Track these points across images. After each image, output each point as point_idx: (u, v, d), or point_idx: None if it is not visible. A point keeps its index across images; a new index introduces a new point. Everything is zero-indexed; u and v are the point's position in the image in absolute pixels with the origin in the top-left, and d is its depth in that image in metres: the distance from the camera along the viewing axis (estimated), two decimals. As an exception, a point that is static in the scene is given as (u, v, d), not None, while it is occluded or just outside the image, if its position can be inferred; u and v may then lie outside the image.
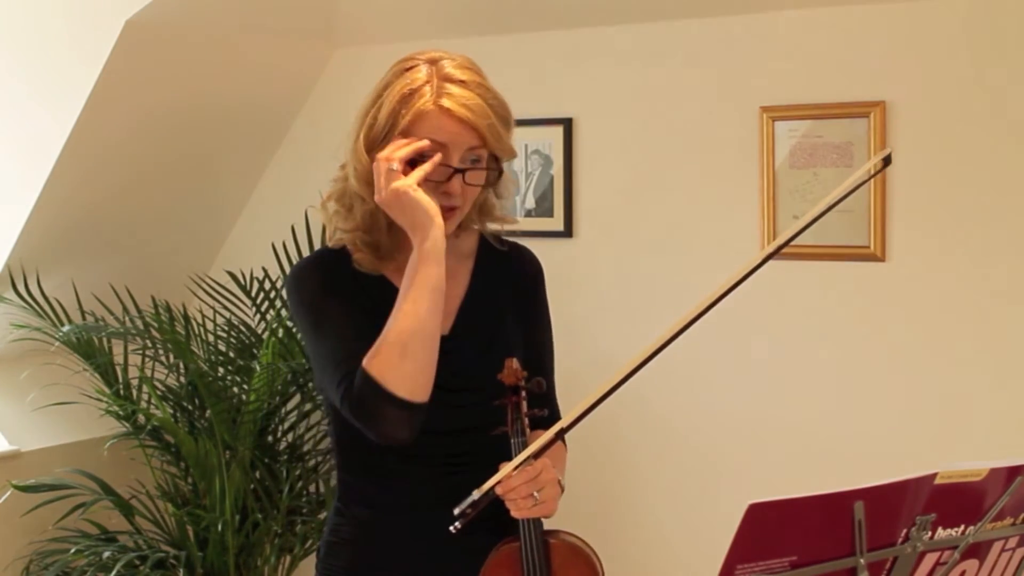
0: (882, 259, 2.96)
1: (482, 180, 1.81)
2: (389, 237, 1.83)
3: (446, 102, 1.74)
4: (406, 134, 1.75)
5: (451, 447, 1.81)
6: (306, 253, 3.57)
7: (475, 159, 1.79)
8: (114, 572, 3.06)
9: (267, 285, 3.56)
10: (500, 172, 1.83)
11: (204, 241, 3.91)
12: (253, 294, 3.56)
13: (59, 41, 3.15)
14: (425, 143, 1.73)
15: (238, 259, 3.78)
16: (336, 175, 1.88)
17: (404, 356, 1.67)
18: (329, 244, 1.88)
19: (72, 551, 3.21)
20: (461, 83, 1.76)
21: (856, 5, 2.95)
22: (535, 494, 1.68)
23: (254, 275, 3.57)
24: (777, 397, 3.11)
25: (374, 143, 1.77)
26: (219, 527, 3.29)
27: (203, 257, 3.93)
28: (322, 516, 3.48)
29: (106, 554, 3.16)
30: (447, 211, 1.77)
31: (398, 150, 1.72)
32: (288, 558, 3.51)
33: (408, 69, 1.79)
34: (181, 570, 3.24)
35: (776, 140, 3.06)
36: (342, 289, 1.82)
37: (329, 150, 3.71)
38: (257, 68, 3.51)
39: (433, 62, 1.78)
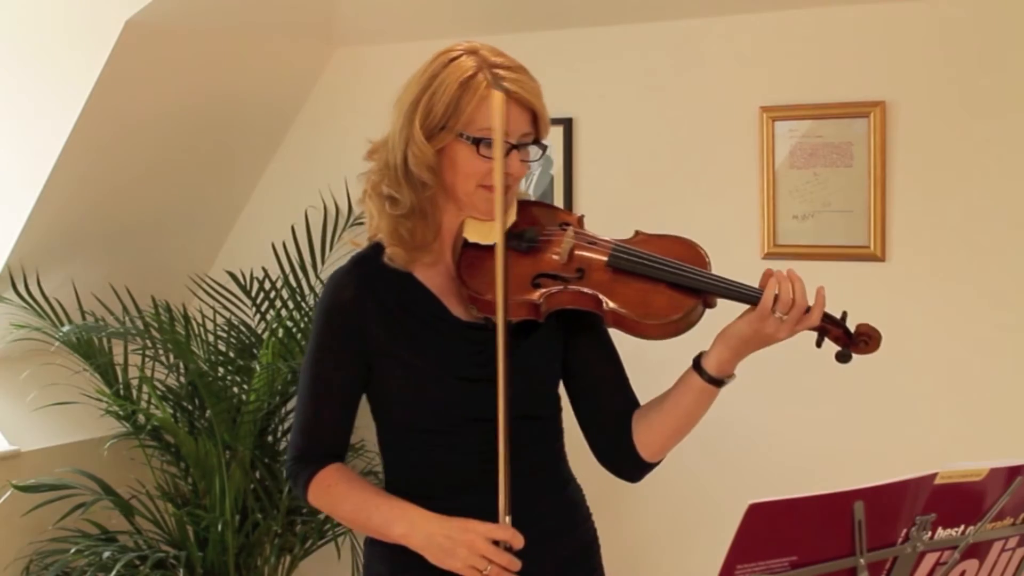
0: (882, 259, 2.96)
1: (536, 156, 1.89)
2: (424, 227, 1.87)
3: (507, 85, 1.80)
4: (469, 120, 1.81)
5: (492, 433, 1.81)
6: (306, 253, 3.58)
7: (527, 144, 1.87)
8: (114, 572, 3.06)
9: (267, 285, 3.56)
10: (544, 149, 1.92)
11: (204, 241, 3.91)
12: (253, 294, 3.56)
13: (59, 41, 3.15)
14: None
15: (238, 259, 3.78)
16: (370, 168, 1.92)
17: (329, 512, 1.97)
18: (369, 238, 1.93)
19: (72, 551, 3.22)
20: (508, 68, 1.84)
21: (856, 5, 2.95)
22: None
23: (254, 275, 3.58)
24: (776, 397, 3.11)
25: (433, 131, 1.82)
26: (219, 527, 3.29)
27: (203, 257, 3.93)
28: (322, 516, 3.48)
29: (106, 554, 3.16)
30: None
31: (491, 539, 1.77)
32: (288, 558, 3.51)
33: (453, 59, 1.83)
34: (181, 570, 3.25)
35: (776, 140, 3.06)
36: (364, 309, 1.86)
37: (329, 150, 3.74)
38: (257, 68, 3.51)
39: (473, 51, 1.84)
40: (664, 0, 3.12)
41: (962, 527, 1.47)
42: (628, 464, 1.96)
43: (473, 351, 1.85)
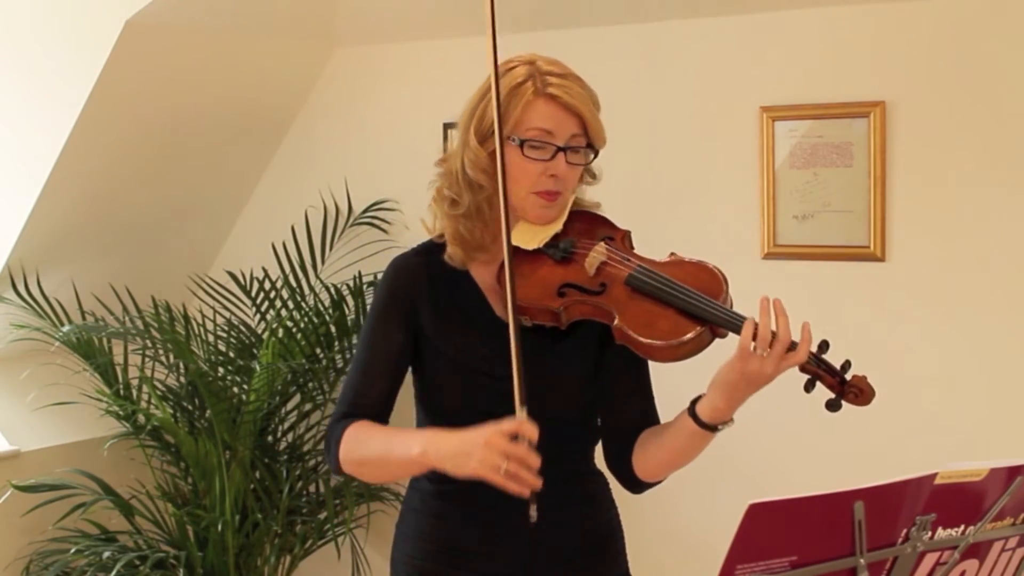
0: (882, 259, 2.96)
1: (584, 160, 1.96)
2: (483, 227, 1.96)
3: (552, 91, 1.90)
4: (516, 123, 1.89)
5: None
6: (306, 253, 3.58)
7: (576, 147, 1.94)
8: (114, 572, 3.06)
9: (267, 285, 3.56)
10: (596, 154, 1.99)
11: (204, 241, 3.91)
12: (253, 294, 3.56)
13: (59, 41, 3.15)
14: None
15: (238, 259, 3.78)
16: (440, 171, 2.00)
17: (359, 464, 1.97)
18: (434, 239, 2.02)
19: (72, 551, 3.22)
20: (560, 76, 1.93)
21: (856, 5, 2.95)
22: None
23: (254, 275, 3.58)
24: (776, 396, 3.10)
25: (485, 135, 1.92)
26: (219, 527, 3.29)
27: (203, 257, 3.93)
28: (322, 516, 3.48)
29: (106, 554, 3.16)
30: (550, 196, 1.92)
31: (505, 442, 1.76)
32: (288, 558, 3.51)
33: (509, 70, 1.93)
34: (181, 570, 3.24)
35: (776, 140, 3.06)
36: (418, 292, 1.97)
37: (329, 150, 3.74)
38: (257, 68, 3.51)
39: (530, 62, 1.94)
40: (665, 0, 3.12)
41: (962, 527, 1.47)
42: (624, 476, 2.01)
43: (507, 351, 1.88)
